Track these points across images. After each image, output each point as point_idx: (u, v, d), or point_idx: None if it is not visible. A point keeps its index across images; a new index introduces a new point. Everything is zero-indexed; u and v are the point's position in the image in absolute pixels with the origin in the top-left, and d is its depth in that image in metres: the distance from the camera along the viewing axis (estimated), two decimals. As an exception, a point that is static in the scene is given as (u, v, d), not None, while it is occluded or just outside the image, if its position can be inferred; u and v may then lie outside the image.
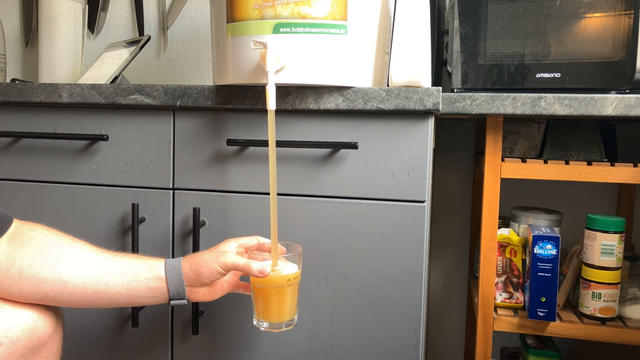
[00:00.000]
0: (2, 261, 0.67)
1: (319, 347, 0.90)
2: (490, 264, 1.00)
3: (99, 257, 0.73)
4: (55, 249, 0.70)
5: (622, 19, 0.90)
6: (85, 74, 1.22)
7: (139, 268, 0.73)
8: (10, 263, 0.67)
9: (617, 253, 0.99)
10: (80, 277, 0.70)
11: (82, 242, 0.74)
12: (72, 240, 0.73)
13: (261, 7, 0.79)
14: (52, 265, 0.69)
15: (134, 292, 0.72)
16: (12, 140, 1.00)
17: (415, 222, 0.85)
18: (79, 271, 0.70)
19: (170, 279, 0.73)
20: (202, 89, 0.89)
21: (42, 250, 0.69)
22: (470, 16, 0.95)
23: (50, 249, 0.70)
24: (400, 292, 0.86)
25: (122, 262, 0.73)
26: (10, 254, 0.68)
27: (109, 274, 0.72)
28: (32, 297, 0.69)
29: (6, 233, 0.69)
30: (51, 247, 0.70)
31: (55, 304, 0.71)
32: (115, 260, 0.73)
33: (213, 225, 0.93)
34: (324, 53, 0.80)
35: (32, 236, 0.70)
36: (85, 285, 0.70)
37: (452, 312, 1.40)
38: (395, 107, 0.83)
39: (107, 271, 0.72)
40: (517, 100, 0.89)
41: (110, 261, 0.73)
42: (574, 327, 0.99)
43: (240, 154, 0.91)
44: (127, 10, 1.50)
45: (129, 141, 0.95)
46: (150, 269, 0.74)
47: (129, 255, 0.75)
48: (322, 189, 0.88)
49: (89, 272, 0.71)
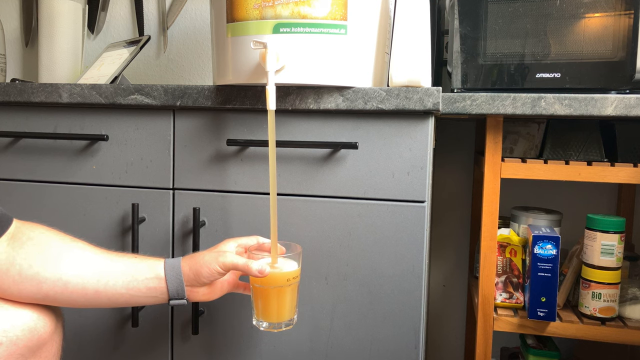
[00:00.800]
0: (2, 261, 0.67)
1: (319, 347, 0.90)
2: (490, 264, 1.00)
3: (99, 257, 0.73)
4: (56, 249, 0.70)
5: (622, 19, 0.90)
6: (85, 74, 1.22)
7: (139, 268, 0.73)
8: (11, 263, 0.67)
9: (617, 253, 0.99)
10: (80, 277, 0.70)
11: (82, 242, 0.74)
12: (72, 240, 0.73)
13: (261, 7, 0.79)
14: (53, 265, 0.69)
15: (134, 292, 0.73)
16: (12, 140, 1.00)
17: (415, 222, 0.85)
18: (79, 271, 0.70)
19: (170, 278, 0.73)
20: (202, 89, 0.89)
21: (43, 250, 0.69)
22: (470, 16, 0.95)
23: (50, 249, 0.70)
24: (400, 292, 0.86)
25: (122, 262, 0.73)
26: (11, 254, 0.68)
27: (109, 274, 0.72)
28: (32, 297, 0.69)
29: (6, 233, 0.69)
30: (51, 247, 0.70)
31: (55, 303, 0.71)
32: (115, 260, 0.73)
33: (213, 225, 0.93)
34: (324, 53, 0.80)
35: (32, 236, 0.70)
36: (86, 285, 0.70)
37: (452, 312, 1.40)
38: (395, 107, 0.83)
39: (107, 271, 0.72)
40: (517, 100, 0.89)
41: (110, 261, 0.73)
42: (574, 327, 0.99)
43: (240, 154, 0.91)
44: (127, 10, 1.50)
45: (129, 141, 0.95)
46: (150, 269, 0.74)
47: (129, 255, 0.75)
48: (322, 189, 0.88)
49: (89, 272, 0.71)
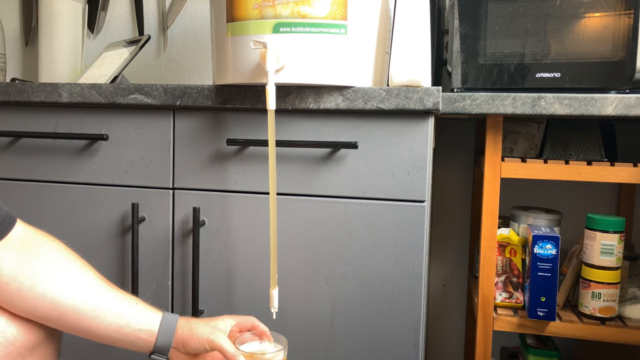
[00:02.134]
0: (5, 272, 0.66)
1: (319, 346, 0.90)
2: (490, 264, 1.00)
3: (103, 292, 0.71)
4: (63, 275, 0.69)
5: (622, 19, 0.90)
6: (85, 74, 1.22)
7: (136, 316, 0.72)
8: (13, 278, 0.66)
9: (617, 253, 0.99)
10: (78, 310, 0.69)
11: (88, 267, 0.72)
12: (81, 267, 0.71)
13: (261, 6, 0.79)
14: (55, 292, 0.67)
15: (122, 338, 0.71)
16: (12, 140, 1.00)
17: (415, 222, 0.85)
18: (80, 303, 0.69)
19: (161, 337, 0.72)
20: (202, 89, 0.89)
21: (48, 272, 0.67)
22: (470, 16, 0.95)
23: (57, 274, 0.68)
24: (400, 292, 0.86)
25: (122, 304, 0.72)
26: (14, 268, 0.66)
27: (107, 313, 0.70)
28: (25, 314, 0.67)
29: (9, 236, 0.67)
30: (59, 272, 0.68)
31: (46, 324, 0.70)
32: (116, 299, 0.72)
33: (213, 225, 0.93)
34: (324, 53, 0.80)
35: (42, 253, 0.68)
36: (81, 319, 0.69)
37: (452, 312, 1.40)
38: (395, 106, 0.83)
39: (106, 310, 0.70)
40: (517, 100, 0.89)
41: (111, 298, 0.71)
42: (574, 326, 0.99)
43: (240, 153, 0.91)
44: (127, 9, 1.50)
45: (129, 141, 0.95)
46: (147, 322, 0.72)
47: (129, 298, 0.74)
48: (322, 189, 0.88)
49: (89, 307, 0.69)
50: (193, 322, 0.75)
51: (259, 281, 0.91)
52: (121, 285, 0.97)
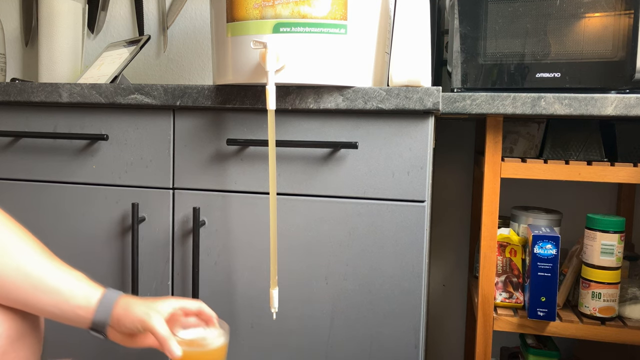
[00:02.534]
0: None
1: (319, 347, 0.90)
2: (490, 264, 1.00)
3: (46, 264, 0.71)
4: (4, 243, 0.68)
5: (622, 19, 0.90)
6: (85, 74, 1.22)
7: (76, 292, 0.71)
8: None
9: (617, 253, 0.99)
10: (21, 281, 0.68)
11: (32, 239, 0.71)
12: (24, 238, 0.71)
13: (261, 6, 0.79)
14: None
15: (59, 313, 0.71)
16: (12, 140, 1.00)
17: (415, 222, 0.85)
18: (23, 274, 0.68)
19: (98, 313, 0.71)
20: (202, 89, 0.89)
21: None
22: (470, 16, 0.95)
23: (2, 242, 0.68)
24: (400, 292, 0.86)
25: (64, 278, 0.71)
26: None
27: (47, 286, 0.69)
28: None
29: None
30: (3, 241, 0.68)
31: None
32: (59, 273, 0.71)
33: (213, 225, 0.93)
34: (324, 53, 0.80)
35: None
36: (19, 289, 0.68)
37: (452, 312, 1.40)
38: (395, 106, 0.83)
39: (47, 284, 0.70)
40: (517, 100, 0.89)
41: (54, 271, 0.71)
42: (574, 326, 0.99)
43: (240, 153, 0.91)
44: (127, 9, 1.50)
45: (129, 141, 0.95)
46: (85, 297, 0.71)
47: (74, 273, 0.73)
48: (322, 189, 0.88)
49: (31, 279, 0.69)
50: (132, 301, 0.73)
51: (259, 281, 0.92)
52: (121, 285, 0.97)
